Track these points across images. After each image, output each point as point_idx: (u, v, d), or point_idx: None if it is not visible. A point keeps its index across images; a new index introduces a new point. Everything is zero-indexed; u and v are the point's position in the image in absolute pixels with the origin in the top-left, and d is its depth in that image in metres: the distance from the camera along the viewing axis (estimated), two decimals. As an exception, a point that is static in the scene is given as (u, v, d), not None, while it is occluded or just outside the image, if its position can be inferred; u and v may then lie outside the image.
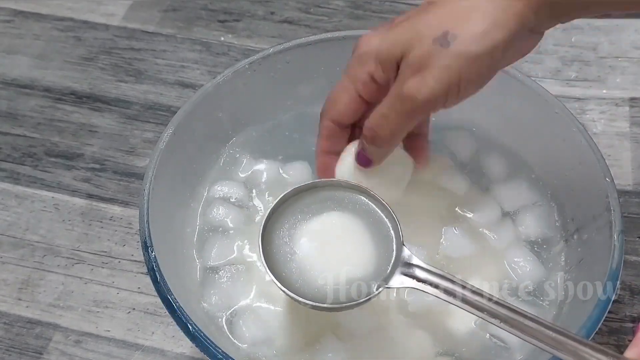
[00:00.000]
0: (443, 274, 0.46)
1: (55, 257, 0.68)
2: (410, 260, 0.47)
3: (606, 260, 0.50)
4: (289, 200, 0.51)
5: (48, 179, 0.74)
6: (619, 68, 0.79)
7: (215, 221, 0.60)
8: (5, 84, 0.82)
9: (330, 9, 0.89)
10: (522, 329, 0.43)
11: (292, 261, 0.48)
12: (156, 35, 0.87)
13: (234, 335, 0.54)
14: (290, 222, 0.50)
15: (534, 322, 0.44)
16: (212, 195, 0.62)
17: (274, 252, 0.49)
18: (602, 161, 0.55)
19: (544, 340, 0.43)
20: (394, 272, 0.47)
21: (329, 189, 0.52)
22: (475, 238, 0.58)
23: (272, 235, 0.49)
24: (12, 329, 0.63)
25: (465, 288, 0.45)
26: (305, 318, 0.54)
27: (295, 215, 0.50)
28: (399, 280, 0.47)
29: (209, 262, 0.58)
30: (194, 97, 0.61)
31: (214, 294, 0.56)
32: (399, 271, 0.47)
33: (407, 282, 0.47)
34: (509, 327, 0.44)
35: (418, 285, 0.46)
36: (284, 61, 0.64)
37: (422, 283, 0.46)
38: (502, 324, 0.44)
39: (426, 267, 0.47)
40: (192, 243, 0.60)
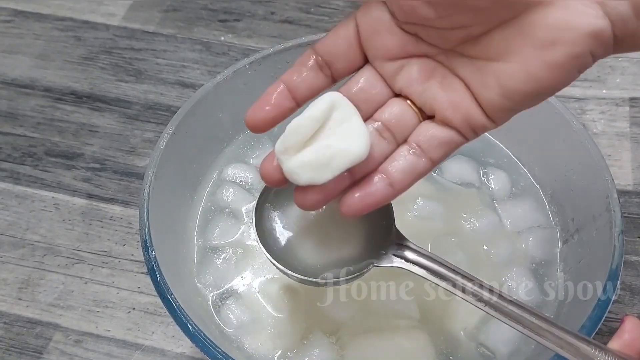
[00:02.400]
0: (432, 256, 0.46)
1: (55, 257, 0.68)
2: (401, 242, 0.47)
3: (606, 260, 0.50)
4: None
5: (48, 179, 0.74)
6: (619, 68, 0.79)
7: (221, 202, 0.62)
8: (6, 84, 0.82)
9: (331, 8, 0.89)
10: (507, 313, 0.43)
11: (284, 237, 0.49)
12: (156, 35, 0.87)
13: (220, 317, 0.55)
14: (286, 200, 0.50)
15: (519, 307, 0.43)
16: (223, 178, 0.64)
17: (267, 228, 0.49)
18: (602, 161, 0.55)
19: (528, 325, 0.43)
20: (385, 252, 0.47)
21: None
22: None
23: (266, 212, 0.49)
24: (12, 329, 0.63)
25: (454, 272, 0.45)
26: (297, 313, 0.55)
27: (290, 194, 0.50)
28: (388, 260, 0.47)
29: (211, 242, 0.59)
30: (194, 97, 0.61)
31: (209, 274, 0.57)
32: (389, 251, 0.47)
33: (397, 262, 0.47)
34: (494, 312, 0.44)
35: (407, 266, 0.46)
36: (284, 61, 0.64)
37: (410, 264, 0.46)
38: (487, 307, 0.44)
39: (417, 248, 0.47)
40: (193, 243, 0.60)
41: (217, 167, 0.65)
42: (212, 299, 0.57)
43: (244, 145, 0.66)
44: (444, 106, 0.41)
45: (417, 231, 0.52)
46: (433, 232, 0.59)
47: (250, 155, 0.66)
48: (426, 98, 0.41)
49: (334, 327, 0.54)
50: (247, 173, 0.64)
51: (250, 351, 0.54)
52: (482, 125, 0.41)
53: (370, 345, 0.53)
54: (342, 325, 0.54)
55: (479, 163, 0.64)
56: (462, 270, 0.46)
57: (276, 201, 0.50)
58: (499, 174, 0.63)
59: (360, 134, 0.40)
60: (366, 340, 0.53)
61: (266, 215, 0.49)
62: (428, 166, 0.42)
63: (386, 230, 0.48)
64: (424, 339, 0.53)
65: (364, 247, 0.49)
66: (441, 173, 0.64)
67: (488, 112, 0.40)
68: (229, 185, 0.63)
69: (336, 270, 0.47)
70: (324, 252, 0.48)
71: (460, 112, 0.40)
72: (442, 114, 0.41)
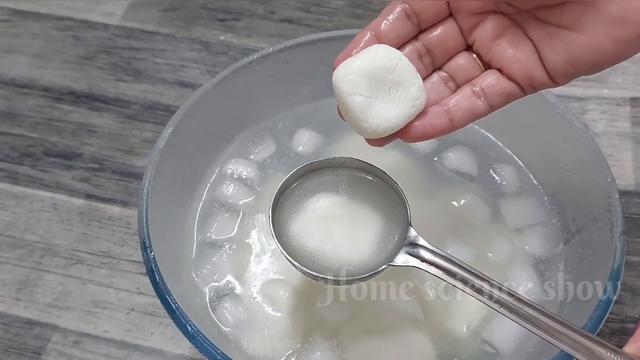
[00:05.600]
0: (447, 255, 0.46)
1: (54, 257, 0.67)
2: (416, 241, 0.47)
3: (607, 261, 0.50)
4: (303, 177, 0.51)
5: (47, 179, 0.73)
6: (620, 68, 0.79)
7: (222, 197, 0.62)
8: (4, 84, 0.82)
9: (331, 8, 0.88)
10: (523, 315, 0.43)
11: (298, 233, 0.49)
12: (155, 34, 0.86)
13: (217, 315, 0.55)
14: (301, 196, 0.50)
15: (535, 310, 0.43)
16: (224, 173, 0.64)
17: (281, 224, 0.49)
18: (604, 161, 0.55)
19: (543, 328, 0.43)
20: (399, 251, 0.47)
21: (341, 169, 0.51)
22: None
23: (281, 209, 0.50)
24: (10, 330, 0.63)
25: (469, 272, 0.45)
26: (297, 314, 0.55)
27: (306, 191, 0.51)
28: (404, 259, 0.47)
29: (210, 237, 0.59)
30: (193, 97, 0.60)
31: (206, 269, 0.57)
32: (404, 250, 0.47)
33: (412, 261, 0.47)
34: (509, 313, 0.44)
35: (422, 265, 0.46)
36: (284, 60, 0.64)
37: (426, 263, 0.46)
38: (502, 309, 0.44)
39: (431, 248, 0.47)
40: (192, 239, 0.60)
41: (217, 166, 0.64)
42: (209, 296, 0.56)
43: (245, 141, 0.66)
44: (511, 61, 0.45)
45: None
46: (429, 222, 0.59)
47: (252, 151, 0.66)
48: (495, 52, 0.45)
49: (334, 330, 0.54)
50: (248, 169, 0.64)
51: (249, 352, 0.54)
52: (543, 83, 0.44)
53: (372, 348, 0.53)
54: (342, 327, 0.54)
55: (481, 158, 0.64)
56: (477, 270, 0.45)
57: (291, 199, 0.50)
58: (502, 169, 0.63)
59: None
60: (368, 344, 0.53)
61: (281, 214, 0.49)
62: (486, 110, 0.46)
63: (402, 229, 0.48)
64: (426, 340, 0.53)
65: (379, 245, 0.48)
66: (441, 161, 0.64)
67: (551, 73, 0.44)
68: (229, 180, 0.63)
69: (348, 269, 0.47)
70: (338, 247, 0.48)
71: (525, 69, 0.44)
72: (508, 68, 0.45)
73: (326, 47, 0.64)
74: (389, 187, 0.50)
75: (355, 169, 0.51)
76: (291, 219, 0.49)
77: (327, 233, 0.49)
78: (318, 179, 0.51)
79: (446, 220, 0.60)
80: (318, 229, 0.49)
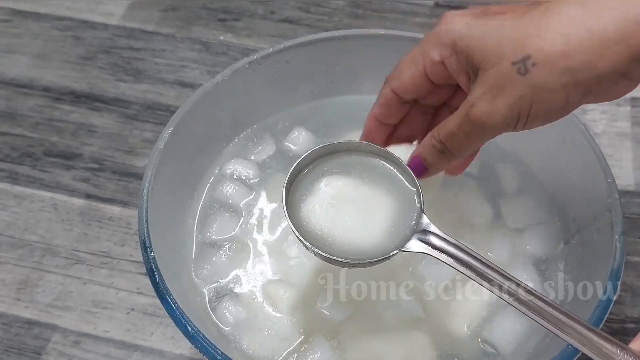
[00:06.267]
0: (459, 244, 0.46)
1: (54, 257, 0.67)
2: (428, 228, 0.47)
3: (607, 261, 0.50)
4: (317, 161, 0.51)
5: (47, 179, 0.73)
6: (619, 68, 0.79)
7: (222, 197, 0.62)
8: (4, 84, 0.82)
9: (331, 8, 0.88)
10: (532, 307, 0.43)
11: (311, 216, 0.48)
12: (155, 34, 0.86)
13: (216, 315, 0.55)
14: (314, 179, 0.50)
15: (545, 303, 0.43)
16: (224, 173, 0.63)
17: (294, 205, 0.49)
18: (604, 161, 0.55)
19: (552, 321, 0.42)
20: (411, 237, 0.47)
21: (355, 154, 0.51)
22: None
23: (294, 190, 0.49)
24: (10, 330, 0.63)
25: (480, 261, 0.45)
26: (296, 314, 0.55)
27: (318, 174, 0.50)
28: (415, 245, 0.47)
29: (210, 237, 0.59)
30: (193, 97, 0.60)
31: (206, 269, 0.57)
32: (415, 237, 0.47)
33: (423, 248, 0.47)
34: (519, 305, 0.43)
35: (433, 252, 0.46)
36: (284, 61, 0.64)
37: (437, 251, 0.46)
38: (511, 299, 0.44)
39: (443, 235, 0.47)
40: (192, 239, 0.60)
41: (217, 166, 0.64)
42: (209, 296, 0.56)
43: (245, 141, 0.66)
44: None
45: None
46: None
47: (252, 151, 0.66)
48: None
49: (334, 330, 0.54)
50: (248, 169, 0.64)
51: (249, 352, 0.54)
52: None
53: (372, 348, 0.53)
54: (342, 327, 0.54)
55: (482, 158, 0.64)
56: (489, 260, 0.45)
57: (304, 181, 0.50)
58: (503, 169, 0.63)
59: None
60: (368, 344, 0.53)
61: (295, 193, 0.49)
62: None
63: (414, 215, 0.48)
64: (426, 340, 0.53)
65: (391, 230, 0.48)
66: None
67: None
68: (229, 180, 0.63)
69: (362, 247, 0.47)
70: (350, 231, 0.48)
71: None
72: None
73: (326, 47, 0.64)
74: (402, 172, 0.50)
75: (369, 153, 0.51)
76: (303, 202, 0.49)
77: (339, 216, 0.48)
78: (331, 163, 0.51)
79: (446, 220, 0.60)
80: (330, 212, 0.48)
